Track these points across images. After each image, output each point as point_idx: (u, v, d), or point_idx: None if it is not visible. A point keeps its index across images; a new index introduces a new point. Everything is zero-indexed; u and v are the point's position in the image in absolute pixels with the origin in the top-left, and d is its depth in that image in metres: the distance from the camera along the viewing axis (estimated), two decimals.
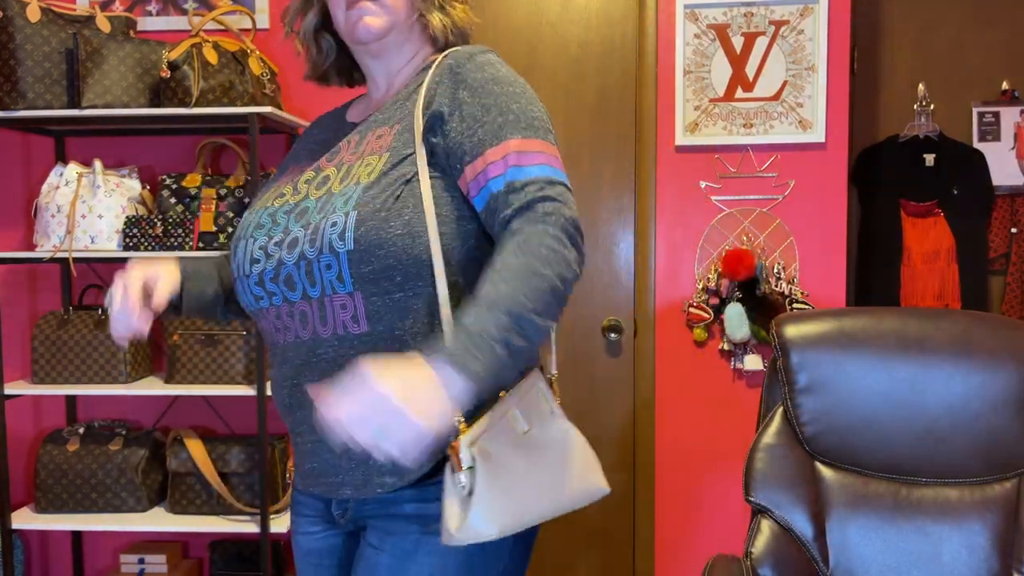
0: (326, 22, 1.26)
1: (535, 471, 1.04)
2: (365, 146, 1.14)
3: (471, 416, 1.01)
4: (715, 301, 2.47)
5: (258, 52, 2.34)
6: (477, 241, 1.11)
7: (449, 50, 1.17)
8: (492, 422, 1.03)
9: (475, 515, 0.98)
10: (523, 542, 1.15)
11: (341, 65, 1.31)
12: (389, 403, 0.87)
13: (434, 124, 1.10)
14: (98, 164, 2.30)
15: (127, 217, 2.28)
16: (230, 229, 2.28)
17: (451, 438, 0.99)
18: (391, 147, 1.10)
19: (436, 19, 1.20)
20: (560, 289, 0.99)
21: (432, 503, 1.06)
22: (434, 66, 1.15)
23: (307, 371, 1.11)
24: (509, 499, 1.01)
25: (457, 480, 0.99)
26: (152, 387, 2.28)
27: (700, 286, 2.49)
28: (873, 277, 2.97)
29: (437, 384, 0.90)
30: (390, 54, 1.22)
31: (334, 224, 1.05)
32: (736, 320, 2.40)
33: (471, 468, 0.99)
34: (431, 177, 1.08)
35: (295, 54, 1.32)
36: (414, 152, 1.09)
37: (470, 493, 0.99)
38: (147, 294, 1.16)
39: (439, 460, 1.06)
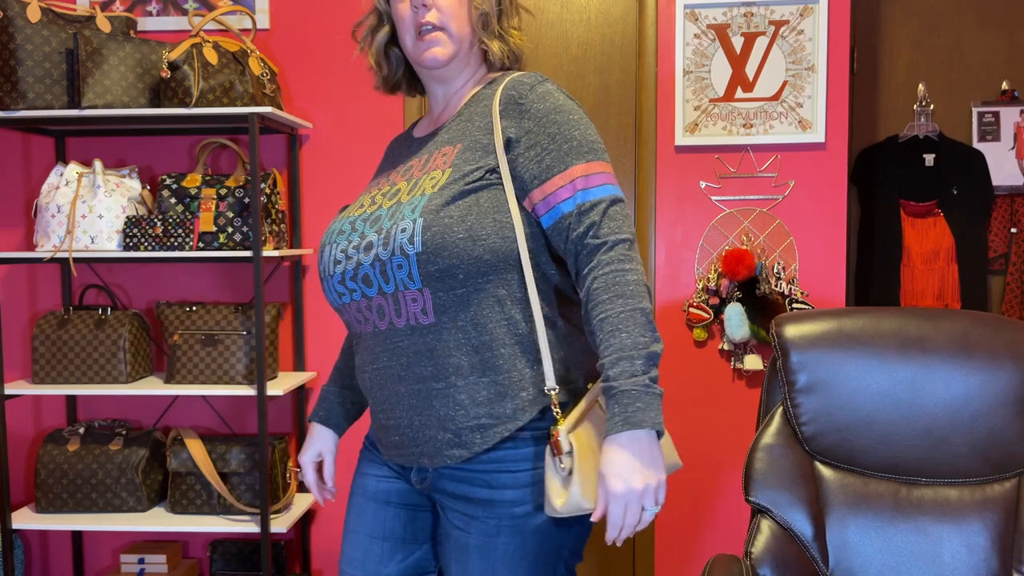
0: (394, 36, 1.40)
1: None
2: (431, 163, 1.30)
3: (566, 407, 1.24)
4: (715, 301, 2.47)
5: (258, 52, 2.34)
6: (536, 244, 1.27)
7: (509, 77, 1.31)
8: (584, 410, 1.23)
9: (575, 492, 1.17)
10: (583, 520, 1.30)
11: (411, 77, 1.45)
12: (632, 491, 1.13)
13: (504, 148, 1.26)
14: (98, 164, 2.30)
15: (127, 217, 2.28)
16: (230, 229, 2.28)
17: (551, 427, 1.20)
18: (453, 163, 1.26)
19: (496, 46, 1.35)
20: (651, 308, 1.19)
21: (499, 490, 1.23)
22: (498, 94, 1.29)
23: (385, 356, 1.28)
24: None
25: (558, 463, 1.18)
26: (152, 387, 2.28)
27: (700, 286, 2.49)
28: (873, 277, 2.97)
29: (638, 452, 1.14)
30: (451, 78, 1.37)
31: (404, 230, 1.20)
32: (736, 320, 2.40)
33: (570, 453, 1.18)
34: (496, 189, 1.24)
35: (367, 68, 1.44)
36: (476, 168, 1.24)
37: (570, 473, 1.18)
38: (319, 469, 1.52)
39: (502, 438, 1.23)
